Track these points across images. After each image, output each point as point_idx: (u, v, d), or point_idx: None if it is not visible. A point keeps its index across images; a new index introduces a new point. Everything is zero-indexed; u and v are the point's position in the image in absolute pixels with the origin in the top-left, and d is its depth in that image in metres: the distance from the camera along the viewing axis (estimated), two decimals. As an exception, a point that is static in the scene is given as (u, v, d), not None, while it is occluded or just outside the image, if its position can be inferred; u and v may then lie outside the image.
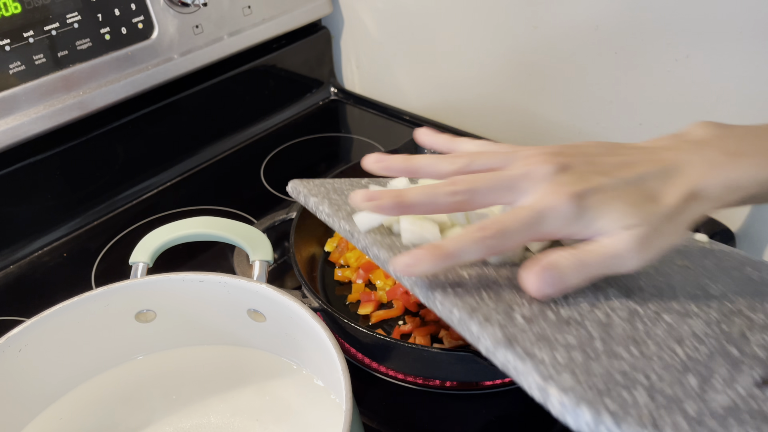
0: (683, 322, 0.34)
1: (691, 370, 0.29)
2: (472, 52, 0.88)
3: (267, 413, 0.49)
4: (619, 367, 0.28)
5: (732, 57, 0.66)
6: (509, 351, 0.29)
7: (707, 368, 0.30)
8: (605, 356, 0.29)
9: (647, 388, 0.27)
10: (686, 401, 0.27)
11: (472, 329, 0.31)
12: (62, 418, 0.47)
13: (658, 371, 0.29)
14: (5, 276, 0.71)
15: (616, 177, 0.35)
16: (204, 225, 0.55)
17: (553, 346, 0.29)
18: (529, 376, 0.27)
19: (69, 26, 0.68)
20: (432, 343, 0.58)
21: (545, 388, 0.27)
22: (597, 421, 0.24)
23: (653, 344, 0.31)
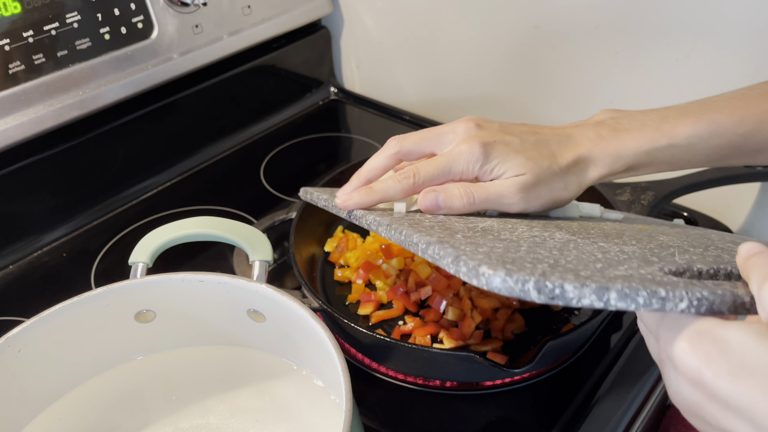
0: (617, 247, 0.36)
1: (601, 262, 0.32)
2: (472, 51, 0.88)
3: (267, 413, 0.49)
4: (533, 257, 0.31)
5: (732, 57, 0.66)
6: (437, 246, 0.33)
7: (618, 262, 0.32)
8: (525, 253, 0.32)
9: (551, 264, 0.30)
10: (583, 270, 0.29)
11: (413, 239, 0.36)
12: (62, 418, 0.47)
13: (569, 260, 0.31)
14: (5, 276, 0.71)
15: (521, 138, 0.45)
16: (204, 225, 0.55)
17: (479, 246, 0.33)
18: (447, 257, 0.32)
19: (69, 26, 0.68)
20: (432, 343, 0.58)
21: (457, 260, 0.31)
22: (493, 275, 0.28)
23: (577, 252, 0.34)
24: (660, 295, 0.27)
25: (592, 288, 0.27)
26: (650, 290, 0.27)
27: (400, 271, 0.64)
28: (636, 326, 0.61)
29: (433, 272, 0.62)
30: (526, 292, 0.28)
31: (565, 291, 0.27)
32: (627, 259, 0.33)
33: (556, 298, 0.27)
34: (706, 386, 0.27)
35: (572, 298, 0.27)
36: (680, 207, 0.76)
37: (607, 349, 0.59)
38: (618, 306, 0.27)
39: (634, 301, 0.27)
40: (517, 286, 0.28)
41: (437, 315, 0.59)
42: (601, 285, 0.27)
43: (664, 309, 0.28)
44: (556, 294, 0.27)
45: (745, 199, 0.74)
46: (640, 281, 0.28)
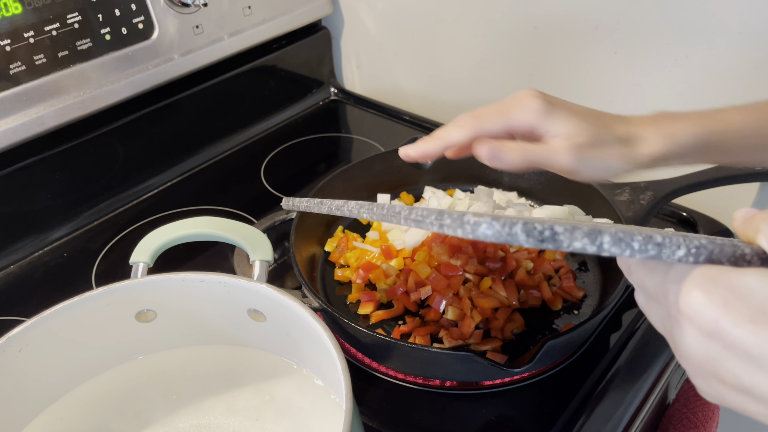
0: (611, 228, 0.35)
1: (589, 226, 0.30)
2: (472, 52, 0.88)
3: (267, 413, 0.49)
4: (520, 218, 0.30)
5: (732, 57, 0.66)
6: (420, 209, 0.33)
7: (607, 227, 0.31)
8: (513, 217, 0.31)
9: (538, 221, 0.29)
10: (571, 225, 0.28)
11: (395, 209, 0.36)
12: (62, 418, 0.47)
13: (559, 224, 0.30)
14: (5, 276, 0.71)
15: (579, 107, 0.47)
16: (204, 225, 0.55)
17: (464, 214, 0.32)
18: (431, 215, 0.31)
19: (69, 26, 0.68)
20: (432, 343, 0.58)
21: (441, 215, 0.30)
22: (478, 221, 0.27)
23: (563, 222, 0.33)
24: (656, 241, 0.26)
25: (583, 230, 0.26)
26: (645, 235, 0.26)
27: (400, 271, 0.65)
28: (636, 326, 0.61)
29: (432, 272, 0.62)
30: (513, 236, 0.26)
31: (555, 233, 0.26)
32: (612, 227, 0.32)
33: (545, 241, 0.26)
34: (723, 336, 0.25)
35: (562, 240, 0.26)
36: (680, 207, 0.76)
37: (607, 349, 0.59)
38: (611, 251, 0.26)
39: (628, 246, 0.26)
40: (504, 230, 0.26)
41: (437, 315, 0.60)
42: (593, 228, 0.26)
43: (660, 256, 0.26)
44: (545, 236, 0.26)
45: (745, 199, 0.74)
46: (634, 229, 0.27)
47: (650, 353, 0.59)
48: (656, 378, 0.58)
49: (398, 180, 0.76)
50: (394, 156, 0.76)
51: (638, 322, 0.62)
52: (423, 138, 0.49)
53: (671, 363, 0.60)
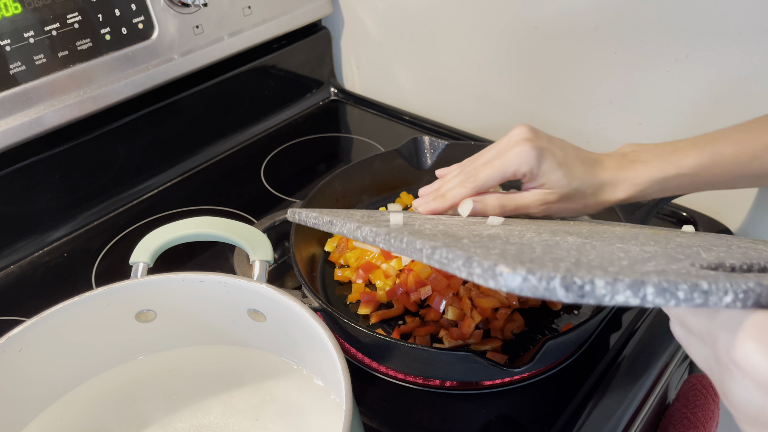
0: (637, 247, 0.34)
1: (626, 260, 0.29)
2: (472, 52, 0.88)
3: (267, 413, 0.49)
4: (552, 257, 0.29)
5: (732, 57, 0.66)
6: (444, 249, 0.30)
7: (644, 260, 0.30)
8: (542, 253, 0.30)
9: (573, 262, 0.28)
10: (610, 267, 0.27)
11: (416, 245, 0.34)
12: (62, 418, 0.47)
13: (590, 258, 0.29)
14: (5, 276, 0.71)
15: (564, 152, 0.52)
16: (204, 225, 0.55)
17: (490, 249, 0.30)
18: (458, 259, 0.29)
19: (69, 26, 0.68)
20: (432, 343, 0.58)
21: (470, 262, 0.28)
22: (513, 275, 0.25)
23: (596, 252, 0.31)
24: (702, 288, 0.24)
25: (626, 283, 0.24)
26: (691, 283, 0.24)
27: (400, 271, 0.65)
28: (636, 326, 0.61)
29: (432, 272, 0.62)
30: (552, 291, 0.25)
31: (595, 287, 0.24)
32: (652, 257, 0.31)
33: (586, 296, 0.24)
34: None
35: (604, 294, 0.24)
36: (680, 207, 0.76)
37: (607, 349, 0.59)
38: (656, 302, 0.24)
39: (673, 296, 0.24)
40: (541, 285, 0.25)
41: (437, 315, 0.60)
42: (635, 279, 0.24)
43: (706, 303, 0.25)
44: (586, 291, 0.24)
45: (745, 199, 0.74)
46: (676, 275, 0.25)
47: (650, 353, 0.59)
48: (656, 378, 0.58)
49: (398, 180, 0.76)
50: (394, 156, 0.76)
51: (638, 322, 0.62)
52: (430, 196, 0.54)
53: (671, 363, 0.60)
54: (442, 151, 0.76)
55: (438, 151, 0.76)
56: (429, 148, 0.76)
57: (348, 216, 0.47)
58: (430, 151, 0.76)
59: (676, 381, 0.66)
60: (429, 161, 0.77)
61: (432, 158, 0.76)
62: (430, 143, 0.76)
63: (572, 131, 0.83)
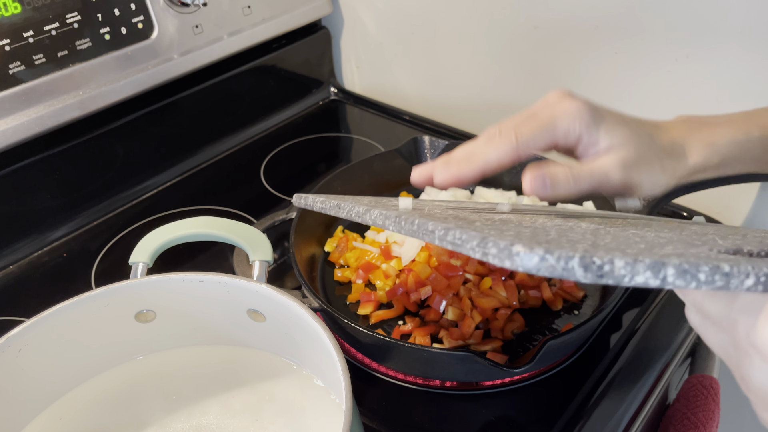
0: (651, 233, 0.33)
1: (643, 244, 0.28)
2: (472, 51, 0.88)
3: (267, 413, 0.49)
4: (567, 239, 0.28)
5: (732, 57, 0.66)
6: (457, 230, 0.29)
7: (661, 245, 0.29)
8: (557, 236, 0.29)
9: (590, 244, 0.27)
10: (628, 249, 0.26)
11: (428, 226, 0.32)
12: (62, 418, 0.47)
13: (606, 241, 0.28)
14: (5, 276, 0.71)
15: (623, 114, 0.43)
16: (204, 225, 0.55)
17: (503, 231, 0.29)
18: (472, 240, 0.28)
19: (69, 26, 0.68)
20: (432, 343, 0.58)
21: (485, 242, 0.27)
22: (529, 254, 0.24)
23: (611, 236, 0.31)
24: (724, 271, 0.24)
25: (646, 263, 0.24)
26: (712, 265, 0.24)
27: (400, 271, 0.64)
28: (636, 326, 0.61)
29: (432, 272, 0.62)
30: (570, 271, 0.24)
31: (615, 267, 0.24)
32: (669, 242, 0.30)
33: (605, 276, 0.24)
34: None
35: (624, 275, 0.24)
36: (680, 207, 0.76)
37: (607, 349, 0.59)
38: (676, 284, 0.24)
39: (694, 278, 0.24)
40: (559, 264, 0.24)
41: (437, 315, 0.60)
42: (656, 260, 0.24)
43: (728, 287, 0.24)
44: (605, 271, 0.24)
45: (745, 199, 0.74)
46: (696, 257, 0.25)
47: (650, 353, 0.59)
48: (656, 378, 0.58)
49: (398, 180, 0.76)
50: (394, 156, 0.76)
51: (638, 322, 0.62)
52: (450, 158, 0.43)
53: (672, 363, 0.60)
54: (442, 151, 0.76)
55: (438, 151, 0.76)
56: (429, 148, 0.76)
57: (355, 201, 0.46)
58: (430, 151, 0.76)
59: (676, 381, 0.66)
60: (429, 161, 0.76)
61: (432, 158, 0.76)
62: (430, 143, 0.76)
63: (572, 131, 0.83)
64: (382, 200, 0.50)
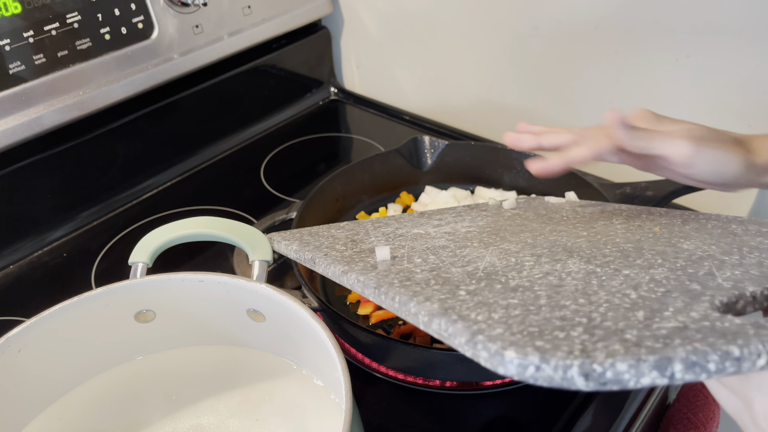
0: (644, 273, 0.32)
1: (641, 308, 0.27)
2: (472, 52, 0.88)
3: (266, 413, 0.49)
4: (560, 315, 0.27)
5: (732, 57, 0.66)
6: (443, 318, 0.28)
7: (661, 303, 0.28)
8: (547, 308, 0.28)
9: (586, 326, 0.25)
10: (627, 331, 0.25)
11: (410, 308, 0.31)
12: (62, 418, 0.47)
13: (602, 312, 0.27)
14: (5, 276, 0.71)
15: None
16: (204, 225, 0.55)
17: (492, 308, 0.28)
18: (460, 336, 0.26)
19: (69, 26, 0.68)
20: (432, 343, 0.58)
21: (474, 342, 0.25)
22: (524, 362, 0.23)
23: (605, 293, 0.29)
24: (734, 356, 0.23)
25: (650, 363, 0.22)
26: (721, 352, 0.22)
27: (400, 271, 0.64)
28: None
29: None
30: (570, 381, 0.22)
31: (618, 372, 0.22)
32: (666, 295, 0.28)
33: (608, 384, 0.22)
34: None
35: (628, 380, 0.22)
36: (680, 207, 0.76)
37: (607, 349, 0.59)
38: (685, 379, 0.22)
39: (704, 370, 0.22)
40: (557, 375, 0.22)
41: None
42: (661, 356, 0.22)
43: (740, 371, 0.23)
44: (608, 378, 0.22)
45: (745, 199, 0.74)
46: (702, 338, 0.24)
47: (650, 353, 0.59)
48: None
49: (398, 180, 0.76)
50: (394, 156, 0.76)
51: (638, 322, 0.62)
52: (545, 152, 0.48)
53: (671, 363, 0.60)
54: (442, 151, 0.76)
55: (438, 151, 0.76)
56: (429, 148, 0.76)
57: (331, 245, 0.43)
58: (430, 151, 0.76)
59: (676, 381, 0.66)
60: (429, 161, 0.77)
61: (432, 158, 0.76)
62: (430, 143, 0.76)
63: (572, 131, 0.83)
64: (359, 232, 0.47)
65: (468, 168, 0.76)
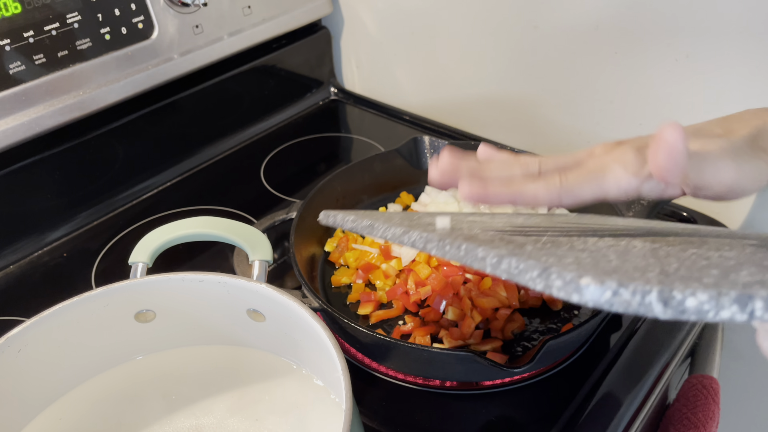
0: (713, 252, 0.31)
1: (716, 267, 0.27)
2: (472, 52, 0.88)
3: (266, 413, 0.49)
4: (632, 266, 0.26)
5: (732, 57, 0.66)
6: (513, 258, 0.27)
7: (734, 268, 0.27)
8: (618, 260, 0.27)
9: (660, 271, 0.25)
10: (705, 278, 0.24)
11: (478, 253, 0.30)
12: (62, 418, 0.47)
13: (676, 267, 0.26)
14: (5, 276, 0.71)
15: None
16: (204, 225, 0.55)
17: (560, 257, 0.28)
18: (531, 270, 0.26)
19: (69, 26, 0.68)
20: (432, 343, 0.58)
21: (547, 273, 0.25)
22: (601, 287, 0.23)
23: (676, 260, 0.28)
24: None
25: (731, 297, 0.22)
26: None
27: (400, 271, 0.64)
28: (636, 326, 0.61)
29: (432, 272, 0.62)
30: (647, 306, 0.22)
31: (699, 302, 0.22)
32: (739, 265, 0.28)
33: (686, 312, 0.22)
34: None
35: (708, 310, 0.22)
36: (680, 207, 0.76)
37: (607, 349, 0.59)
38: (765, 317, 0.22)
39: None
40: (635, 299, 0.22)
41: (437, 315, 0.59)
42: (742, 293, 0.22)
43: None
44: (687, 306, 0.22)
45: (745, 199, 0.74)
46: None
47: (650, 353, 0.59)
48: (656, 378, 0.58)
49: (398, 180, 0.76)
50: (394, 156, 0.76)
51: (638, 323, 0.62)
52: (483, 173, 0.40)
53: (671, 363, 0.60)
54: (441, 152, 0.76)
55: (438, 151, 0.76)
56: (429, 148, 0.76)
57: (388, 219, 0.43)
58: (430, 151, 0.76)
59: (676, 381, 0.66)
60: (429, 161, 0.77)
61: (431, 158, 0.76)
62: (430, 143, 0.76)
63: (572, 131, 0.83)
64: (413, 216, 0.47)
65: (468, 168, 0.76)
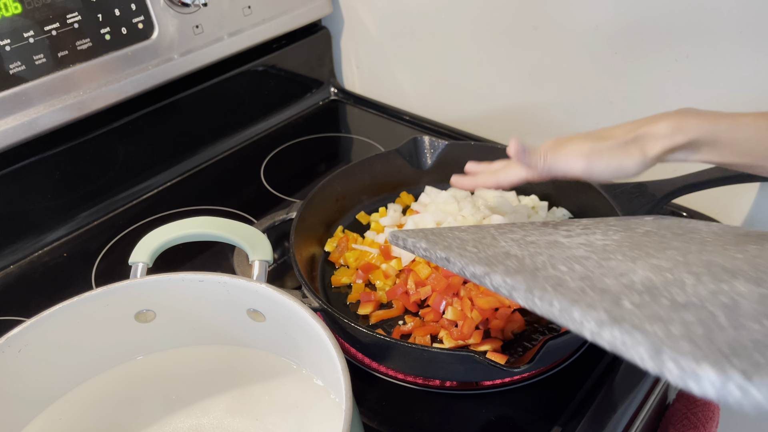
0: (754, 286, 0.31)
1: None
2: (472, 51, 0.88)
3: (266, 413, 0.49)
4: (748, 336, 0.24)
5: (732, 57, 0.66)
6: (616, 327, 0.26)
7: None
8: (731, 329, 0.25)
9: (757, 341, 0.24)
10: None
11: (574, 315, 0.29)
12: (62, 418, 0.47)
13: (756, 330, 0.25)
14: (5, 276, 0.71)
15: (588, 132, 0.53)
16: (204, 225, 0.55)
17: (667, 322, 0.26)
18: (640, 347, 0.25)
19: (69, 26, 0.68)
20: (432, 343, 0.58)
21: (659, 355, 0.24)
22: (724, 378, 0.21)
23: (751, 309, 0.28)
24: None
25: None
26: None
27: (400, 271, 0.64)
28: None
29: (432, 272, 0.62)
30: None
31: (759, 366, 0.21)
32: None
33: None
34: None
35: None
36: (680, 207, 0.76)
37: (607, 349, 0.59)
38: None
39: None
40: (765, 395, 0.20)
41: (437, 315, 0.60)
42: None
43: None
44: None
45: (744, 199, 0.74)
46: None
47: (650, 353, 0.59)
48: (656, 378, 0.58)
49: (398, 180, 0.76)
50: (394, 156, 0.76)
51: (638, 322, 0.62)
52: (478, 171, 0.58)
53: (671, 363, 0.60)
54: (442, 151, 0.76)
55: (438, 151, 0.76)
56: (429, 148, 0.76)
57: (461, 246, 0.41)
58: (430, 151, 0.76)
59: (676, 381, 0.66)
60: (429, 161, 0.77)
61: (432, 158, 0.76)
62: (430, 143, 0.76)
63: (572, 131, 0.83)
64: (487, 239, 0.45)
65: (468, 168, 0.76)
